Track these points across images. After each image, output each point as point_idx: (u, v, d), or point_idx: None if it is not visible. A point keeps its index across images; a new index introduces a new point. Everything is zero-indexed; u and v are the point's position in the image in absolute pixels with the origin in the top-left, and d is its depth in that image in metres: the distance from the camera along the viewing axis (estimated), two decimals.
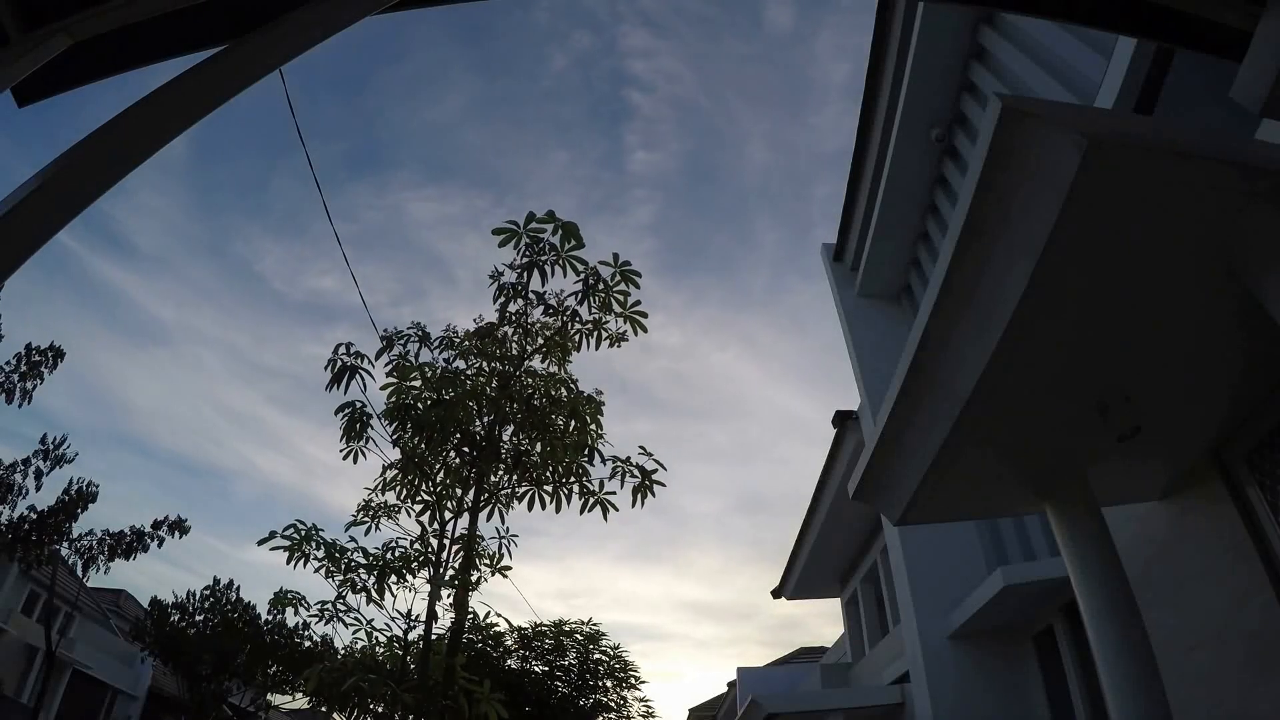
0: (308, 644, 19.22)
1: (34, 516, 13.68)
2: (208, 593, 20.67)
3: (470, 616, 6.27)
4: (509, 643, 14.95)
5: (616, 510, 6.29)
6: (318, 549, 5.78)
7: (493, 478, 6.43)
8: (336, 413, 6.16)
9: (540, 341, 6.87)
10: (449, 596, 5.83)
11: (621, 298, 6.46)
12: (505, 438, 6.64)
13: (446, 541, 6.06)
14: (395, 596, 5.85)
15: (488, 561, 6.28)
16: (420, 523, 6.26)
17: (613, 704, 16.02)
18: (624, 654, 16.15)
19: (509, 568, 6.39)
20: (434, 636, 5.67)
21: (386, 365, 6.42)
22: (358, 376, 6.06)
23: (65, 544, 14.36)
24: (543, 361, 6.97)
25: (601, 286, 6.45)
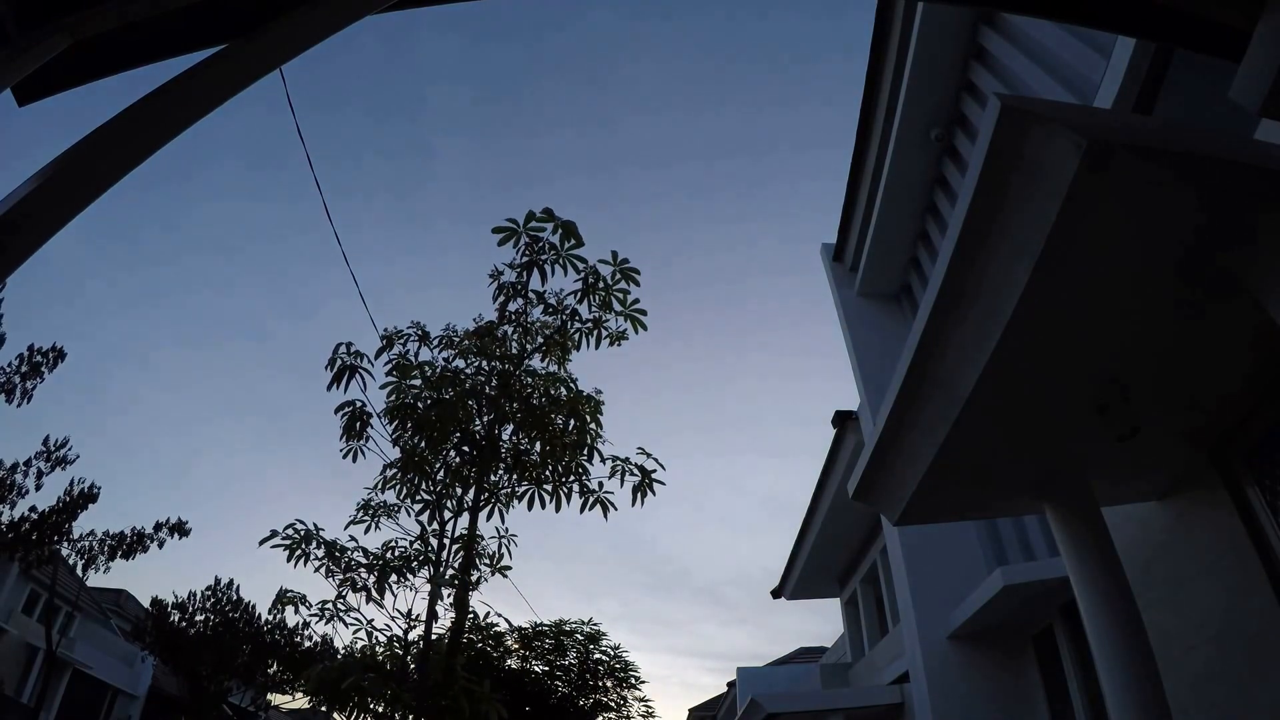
0: (308, 644, 19.28)
1: (34, 517, 13.70)
2: (208, 592, 20.71)
3: (470, 616, 6.28)
4: (509, 643, 14.94)
5: (616, 509, 6.32)
6: (318, 548, 5.79)
7: (493, 477, 6.44)
8: (337, 411, 6.19)
9: (540, 340, 6.88)
10: (449, 596, 5.85)
11: (621, 296, 6.47)
12: (505, 437, 6.65)
13: (446, 541, 6.07)
14: (395, 596, 5.86)
15: (488, 561, 6.29)
16: (420, 522, 6.27)
17: (613, 704, 16.00)
18: (624, 654, 16.16)
19: (509, 567, 6.41)
20: (434, 636, 5.68)
21: (386, 365, 6.44)
22: (357, 375, 6.08)
23: (66, 544, 14.37)
24: (542, 361, 6.98)
25: (601, 285, 6.45)
